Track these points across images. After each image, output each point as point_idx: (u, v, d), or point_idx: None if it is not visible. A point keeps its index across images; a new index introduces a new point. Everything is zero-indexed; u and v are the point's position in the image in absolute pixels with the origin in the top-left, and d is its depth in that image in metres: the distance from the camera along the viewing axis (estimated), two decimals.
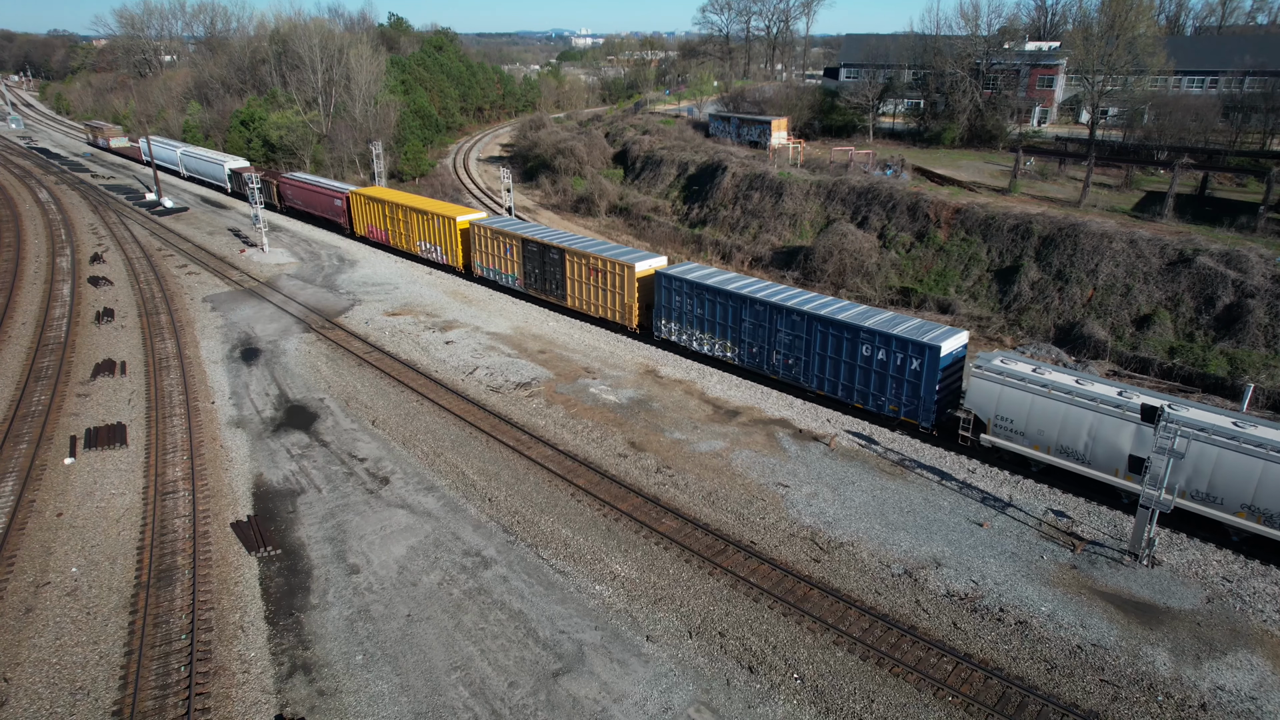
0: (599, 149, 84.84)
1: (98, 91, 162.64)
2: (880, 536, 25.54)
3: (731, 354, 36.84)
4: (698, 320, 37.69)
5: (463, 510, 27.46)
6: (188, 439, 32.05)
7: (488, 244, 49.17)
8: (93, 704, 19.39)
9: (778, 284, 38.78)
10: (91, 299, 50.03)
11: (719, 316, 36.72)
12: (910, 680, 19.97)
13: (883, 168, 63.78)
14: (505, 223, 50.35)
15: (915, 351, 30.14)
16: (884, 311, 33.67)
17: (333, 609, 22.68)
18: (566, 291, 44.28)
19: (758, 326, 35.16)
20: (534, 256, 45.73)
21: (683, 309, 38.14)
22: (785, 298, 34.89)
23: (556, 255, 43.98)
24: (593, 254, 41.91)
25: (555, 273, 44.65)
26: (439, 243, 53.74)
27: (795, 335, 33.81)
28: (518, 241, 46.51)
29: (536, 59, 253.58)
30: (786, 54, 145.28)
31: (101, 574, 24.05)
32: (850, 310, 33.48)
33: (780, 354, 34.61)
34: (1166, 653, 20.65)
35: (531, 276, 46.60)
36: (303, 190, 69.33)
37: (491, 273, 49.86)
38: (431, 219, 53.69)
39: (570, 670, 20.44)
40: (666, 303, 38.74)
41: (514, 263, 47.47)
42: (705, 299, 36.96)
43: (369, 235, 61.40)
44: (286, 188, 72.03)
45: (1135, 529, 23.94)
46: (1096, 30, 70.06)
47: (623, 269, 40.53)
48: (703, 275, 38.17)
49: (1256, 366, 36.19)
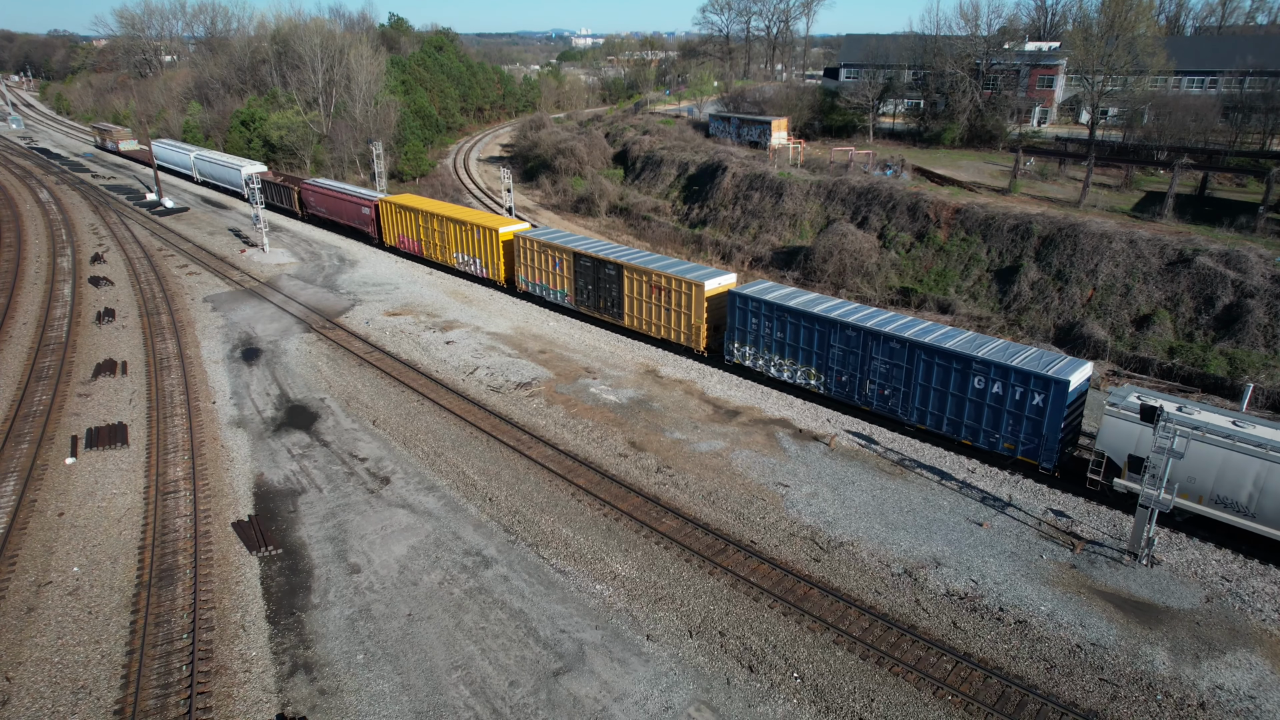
0: (599, 149, 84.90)
1: (98, 92, 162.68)
2: (880, 536, 25.59)
3: (816, 382, 33.94)
4: (777, 344, 34.84)
5: (463, 510, 27.51)
6: (189, 439, 32.10)
7: (534, 257, 45.92)
8: (94, 703, 19.44)
9: (869, 306, 35.03)
10: (92, 299, 50.09)
11: (803, 341, 33.85)
12: (910, 679, 20.01)
13: (883, 168, 63.84)
14: (554, 235, 46.81)
15: (1039, 386, 27.38)
16: (994, 340, 30.48)
17: (334, 608, 22.73)
18: (624, 310, 41.14)
19: (849, 353, 32.38)
20: (587, 272, 42.52)
21: (760, 332, 35.25)
22: (882, 322, 32.10)
23: (613, 271, 40.79)
24: (655, 270, 38.82)
25: (611, 290, 41.43)
26: (478, 255, 50.55)
27: (894, 364, 31.03)
28: (568, 255, 43.38)
29: (536, 59, 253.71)
30: (786, 54, 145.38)
31: (103, 573, 24.10)
32: (958, 338, 30.50)
33: (875, 384, 31.80)
34: (1165, 652, 20.70)
35: (583, 293, 43.39)
36: (327, 197, 65.83)
37: (537, 288, 46.60)
38: (470, 230, 50.42)
39: (571, 669, 20.49)
40: (741, 325, 35.92)
41: (564, 278, 44.24)
42: (787, 322, 34.07)
43: (399, 246, 58.57)
44: (309, 195, 68.46)
45: (1134, 528, 23.98)
46: (1096, 30, 70.14)
47: (690, 287, 37.55)
48: (783, 296, 35.25)
49: (1256, 366, 36.24)
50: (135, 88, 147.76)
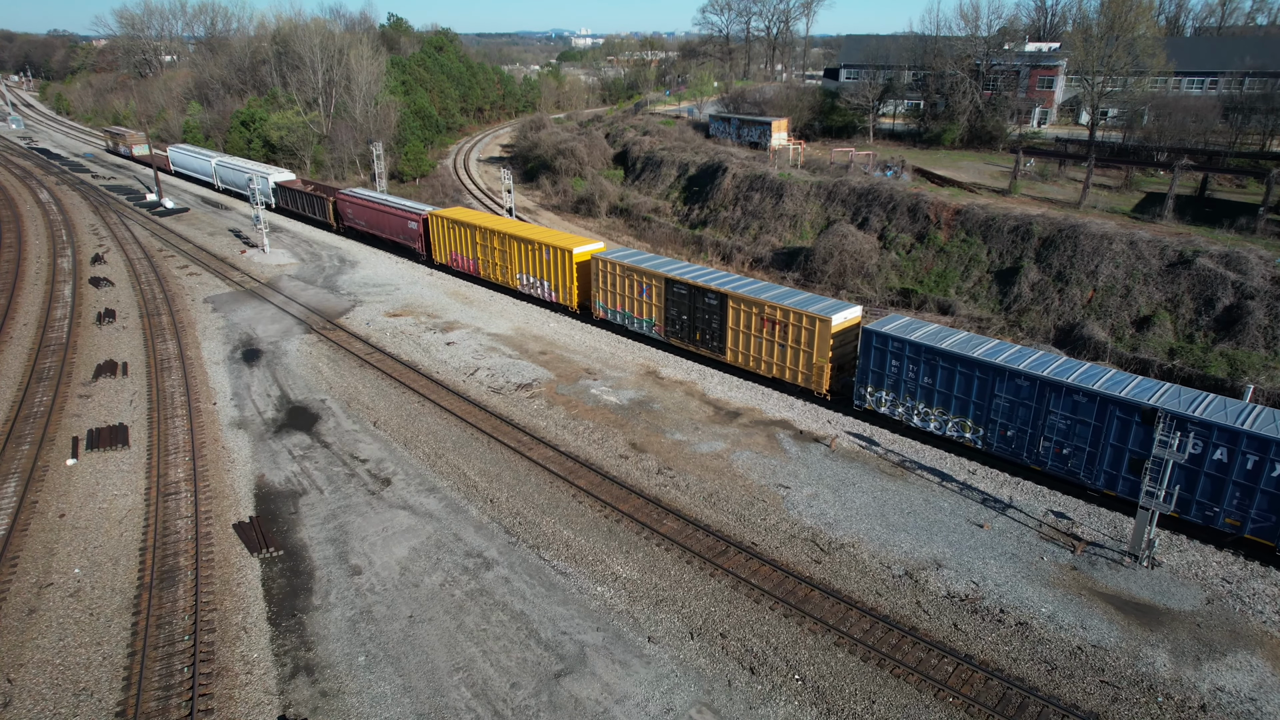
0: (599, 150, 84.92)
1: (98, 92, 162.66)
2: (881, 538, 25.61)
3: (972, 435, 29.87)
4: (923, 391, 30.72)
5: (464, 511, 27.52)
6: (189, 440, 32.10)
7: (616, 282, 41.66)
8: (96, 705, 19.45)
9: (1042, 350, 29.72)
10: (93, 300, 50.09)
11: (958, 389, 29.79)
12: (911, 681, 20.03)
13: (883, 169, 63.87)
14: (640, 258, 42.37)
15: None
16: (1203, 394, 26.08)
17: (335, 610, 22.74)
18: (726, 344, 37.15)
19: (1018, 405, 28.27)
20: (681, 300, 38.51)
21: (902, 376, 31.21)
22: (1060, 370, 27.78)
23: (714, 300, 36.91)
24: (768, 301, 34.83)
25: (711, 321, 37.48)
26: (547, 277, 46.24)
27: (1077, 420, 26.97)
28: (659, 281, 39.29)
29: (536, 59, 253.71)
30: (786, 54, 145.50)
31: (104, 575, 24.11)
32: (1160, 391, 25.99)
33: (1051, 441, 27.80)
34: (1166, 654, 20.72)
35: (676, 324, 39.30)
36: (367, 209, 60.47)
37: (619, 316, 42.44)
38: (538, 249, 46.07)
39: (572, 671, 20.50)
40: (877, 367, 31.80)
41: (652, 306, 40.15)
42: (938, 366, 30.03)
43: (452, 265, 54.20)
44: (346, 206, 63.14)
45: (1135, 530, 24.01)
46: (1096, 31, 70.21)
47: (812, 322, 33.40)
48: (930, 335, 31.00)
49: (1256, 367, 36.27)
50: (135, 88, 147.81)
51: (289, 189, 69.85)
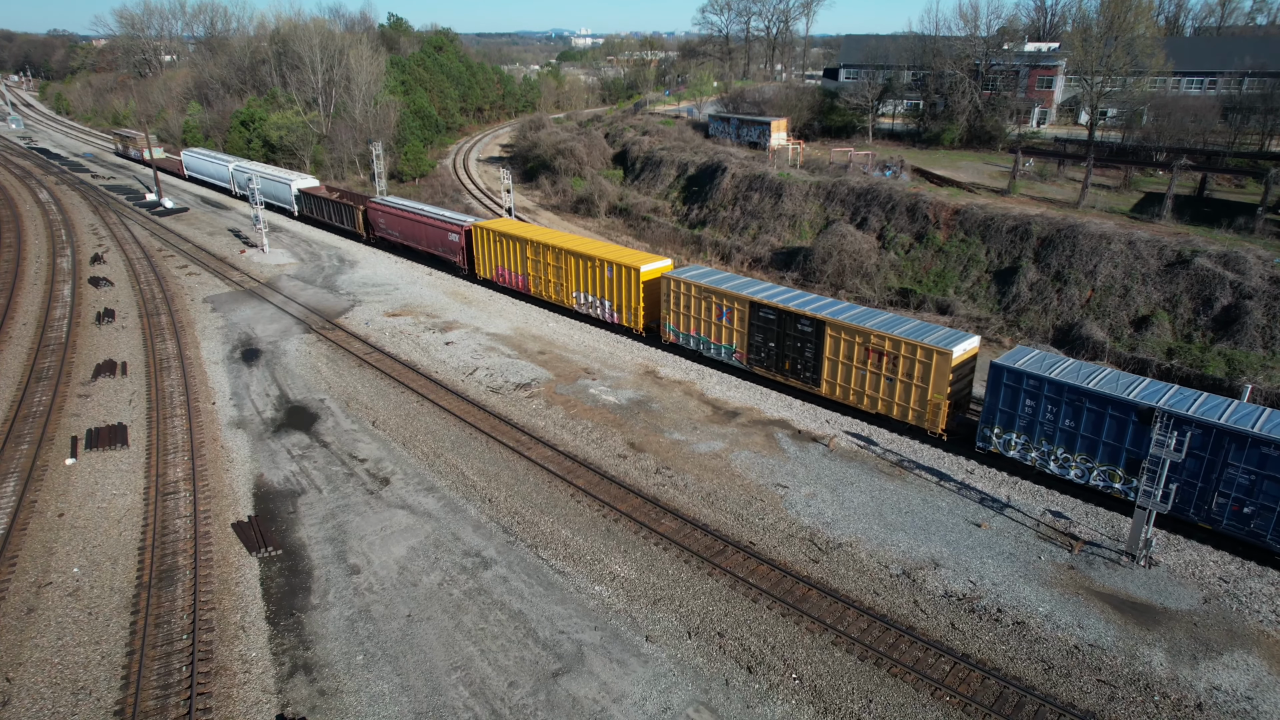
0: (599, 149, 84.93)
1: (98, 92, 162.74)
2: (879, 537, 25.64)
3: (1122, 485, 26.50)
4: (1064, 435, 27.39)
5: (463, 511, 27.56)
6: (188, 439, 32.14)
7: (690, 304, 38.35)
8: (95, 704, 19.49)
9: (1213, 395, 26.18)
10: (92, 299, 50.12)
11: (1107, 434, 26.43)
12: (908, 680, 20.07)
13: (882, 168, 63.90)
14: (719, 278, 38.73)
15: None
16: None
17: (333, 609, 22.78)
18: (821, 375, 34.04)
19: (1185, 455, 24.58)
20: (768, 326, 35.43)
21: (1039, 417, 27.86)
22: (1240, 417, 24.33)
23: (808, 327, 33.69)
24: (874, 330, 31.59)
25: (804, 350, 34.26)
26: (609, 296, 42.78)
27: (1264, 475, 23.54)
28: (742, 305, 36.09)
29: (536, 59, 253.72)
30: (786, 54, 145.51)
31: (103, 574, 24.14)
32: None
33: (1228, 498, 24.53)
34: (1163, 653, 20.75)
35: (760, 351, 36.15)
36: (401, 219, 56.74)
37: (693, 340, 38.96)
38: (599, 266, 42.60)
39: (570, 670, 20.54)
40: (1008, 406, 28.59)
41: (733, 331, 36.99)
42: (1084, 409, 26.62)
43: (498, 280, 50.24)
44: (378, 215, 59.16)
45: (1132, 530, 24.04)
46: (1095, 31, 70.17)
47: (928, 355, 30.24)
48: (1071, 372, 27.61)
49: (1254, 367, 36.30)
50: (135, 88, 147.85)
51: (313, 196, 66.52)
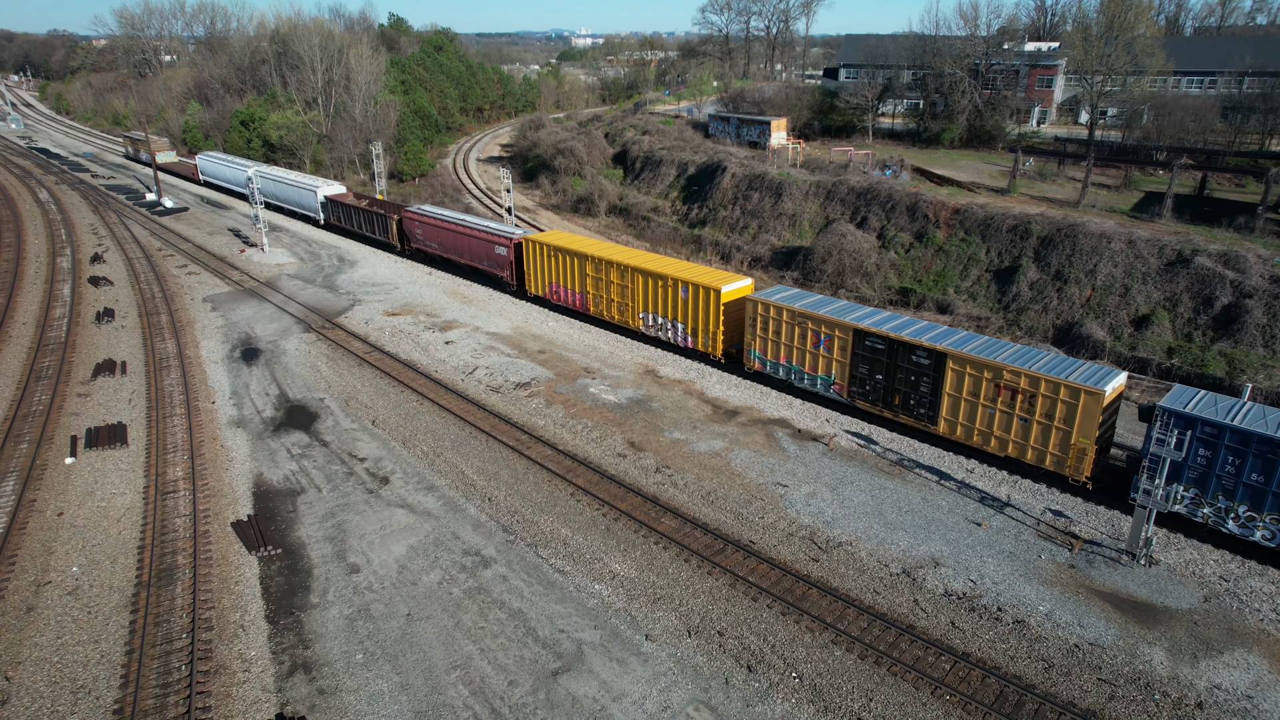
0: (599, 149, 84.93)
1: (98, 92, 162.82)
2: (879, 536, 25.62)
3: None
4: (1249, 492, 23.73)
5: (462, 510, 27.54)
6: (188, 439, 32.12)
7: (781, 329, 34.73)
8: (94, 702, 19.47)
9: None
10: (92, 299, 50.11)
11: None
12: (908, 679, 20.05)
13: (882, 168, 63.88)
14: (813, 301, 34.97)
15: None
16: None
17: (333, 608, 22.76)
18: (940, 412, 30.53)
19: None
20: (875, 356, 31.90)
21: (1214, 469, 24.09)
22: None
23: (925, 359, 30.25)
24: (1007, 365, 28.03)
25: (918, 384, 30.82)
26: (682, 319, 38.99)
27: None
28: (846, 333, 32.49)
29: (536, 59, 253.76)
30: (786, 54, 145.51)
31: (102, 573, 24.12)
32: None
33: None
34: (1163, 652, 20.73)
35: (864, 383, 32.58)
36: (441, 230, 53.04)
37: (782, 369, 35.34)
38: (671, 286, 38.82)
39: (569, 669, 20.52)
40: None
41: (833, 361, 33.35)
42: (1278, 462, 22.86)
43: (551, 298, 46.34)
44: (415, 225, 55.52)
45: (1133, 528, 24.02)
46: (1095, 31, 70.21)
47: (1074, 394, 26.63)
48: (1255, 419, 23.78)
49: (1254, 366, 36.29)
50: (135, 88, 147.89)
51: (341, 204, 63.07)
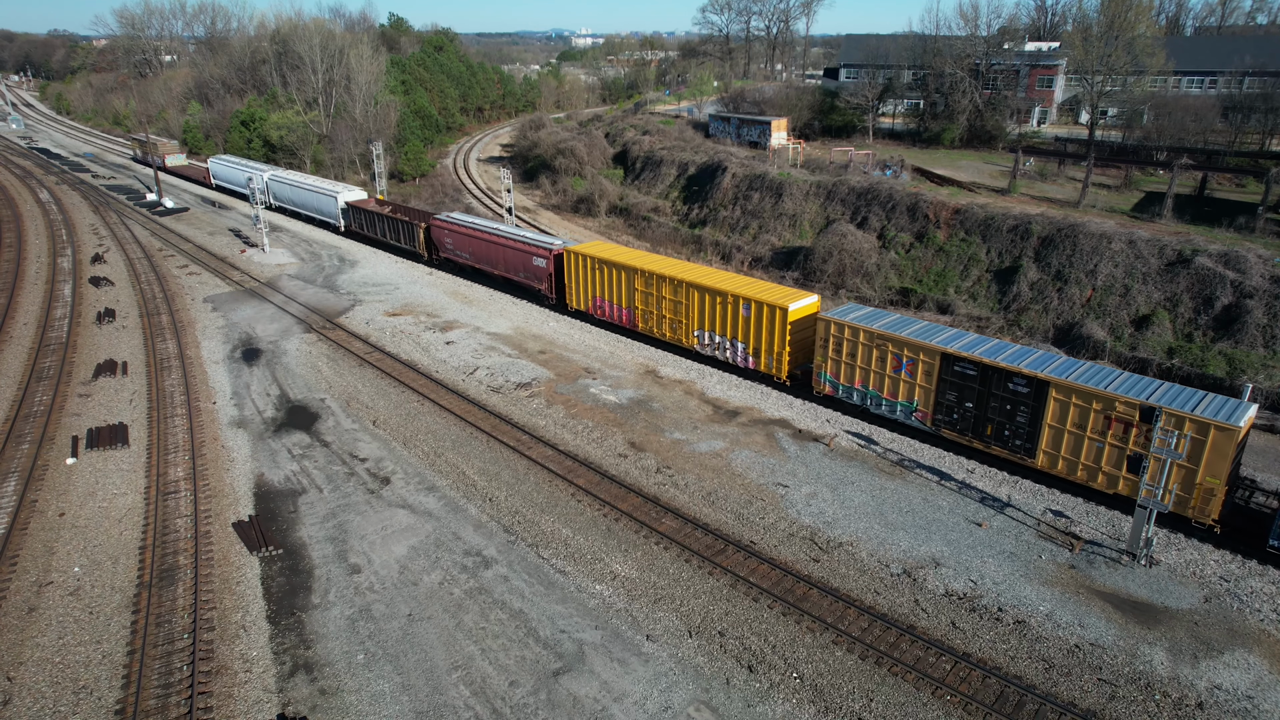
0: (599, 149, 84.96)
1: (98, 92, 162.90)
2: (879, 536, 25.64)
3: None
4: None
5: (463, 510, 27.56)
6: (189, 439, 32.14)
7: (856, 351, 32.16)
8: (95, 703, 19.49)
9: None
10: (93, 299, 50.13)
11: None
12: (909, 679, 20.06)
13: (882, 168, 63.89)
14: (893, 321, 32.29)
15: None
16: None
17: (334, 608, 22.78)
18: (1039, 444, 27.86)
19: None
20: (965, 382, 29.37)
21: None
22: None
23: (1024, 387, 27.72)
24: (1121, 396, 25.44)
25: (1014, 413, 28.29)
26: (743, 338, 36.44)
27: None
28: (931, 357, 29.94)
29: (536, 59, 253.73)
30: (786, 54, 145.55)
31: (104, 573, 24.15)
32: None
33: None
34: (1164, 652, 20.75)
35: (951, 411, 30.14)
36: (473, 240, 50.63)
37: (857, 394, 32.86)
38: (731, 303, 36.19)
39: (571, 669, 20.54)
40: None
41: (915, 386, 30.88)
42: None
43: (594, 314, 44.08)
44: (444, 234, 53.16)
45: (1133, 529, 24.04)
46: (1096, 31, 70.20)
47: (1203, 429, 23.93)
48: None
49: (1255, 366, 36.30)
50: (135, 88, 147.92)
51: (363, 210, 60.70)
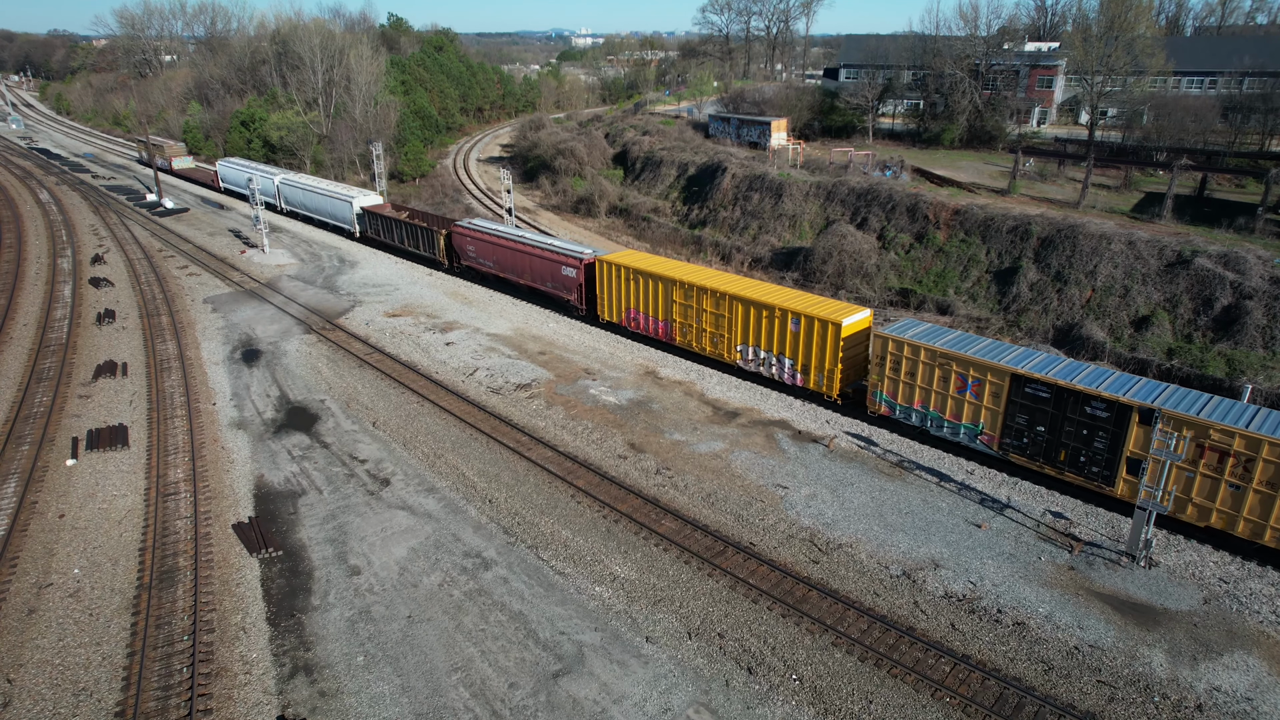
0: (599, 149, 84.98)
1: (98, 92, 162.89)
2: (879, 538, 25.64)
3: None
4: None
5: (463, 512, 27.57)
6: (189, 440, 32.15)
7: (917, 370, 30.45)
8: (95, 705, 19.50)
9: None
10: (93, 300, 50.14)
11: None
12: (908, 681, 20.07)
13: (882, 168, 63.90)
14: (955, 339, 30.47)
15: None
16: None
17: (334, 610, 22.79)
18: (1120, 472, 26.09)
19: None
20: (1038, 406, 27.52)
21: None
22: None
23: (1103, 411, 25.76)
24: (1215, 424, 23.44)
25: (1092, 439, 26.50)
26: (791, 354, 34.78)
27: None
28: (1000, 377, 28.09)
29: (536, 59, 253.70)
30: (786, 54, 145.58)
31: (103, 575, 24.16)
32: None
33: None
34: (1163, 654, 20.76)
35: (1023, 436, 28.24)
36: (498, 248, 48.47)
37: (915, 414, 31.14)
38: (778, 317, 34.56)
39: (570, 671, 20.55)
40: None
41: (981, 409, 29.05)
42: None
43: (628, 326, 42.03)
44: (466, 242, 50.89)
45: (1133, 530, 24.05)
46: (1096, 31, 70.17)
47: None
48: None
49: (1254, 367, 36.31)
50: (135, 88, 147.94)
51: (379, 216, 58.77)
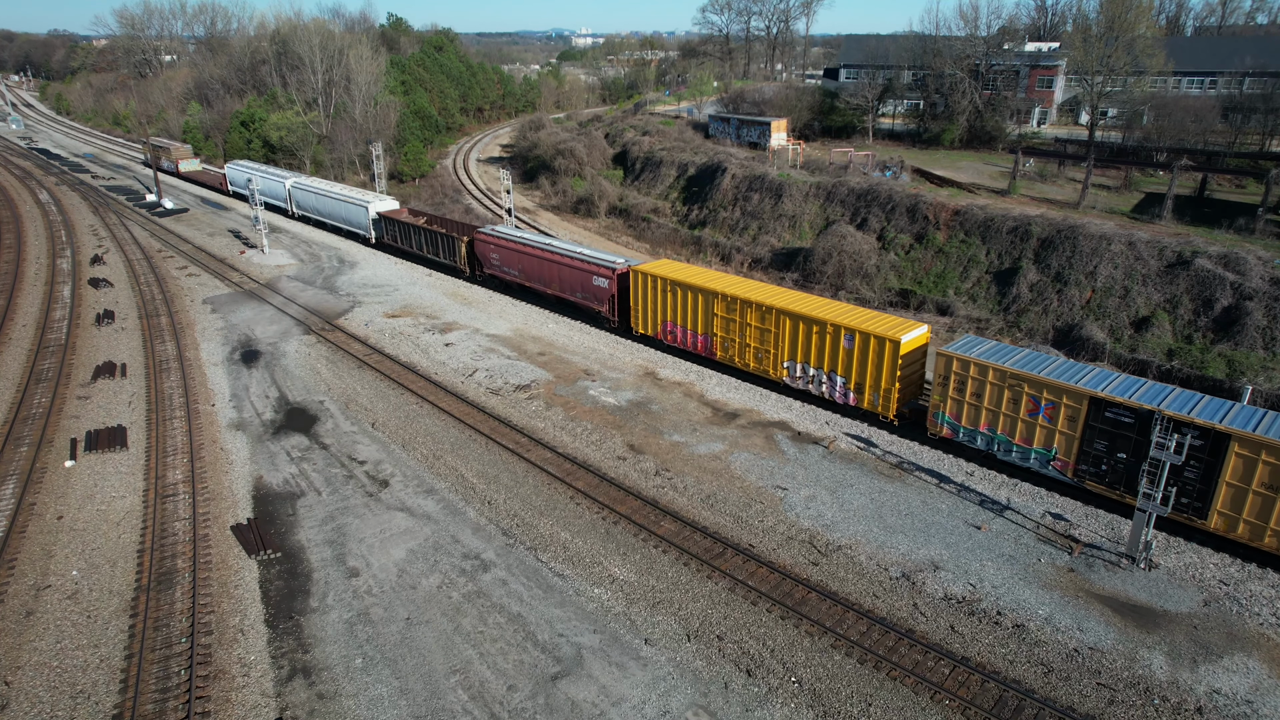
0: (599, 150, 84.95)
1: (98, 92, 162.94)
2: (878, 539, 25.60)
3: None
4: None
5: (462, 513, 27.53)
6: (188, 441, 32.11)
7: (983, 390, 28.79)
8: (93, 707, 19.47)
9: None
10: (92, 301, 50.10)
11: None
12: (908, 683, 20.03)
13: (882, 169, 63.86)
14: (1022, 358, 28.73)
15: None
16: None
17: (332, 612, 22.75)
18: (1214, 504, 24.43)
19: None
20: (1118, 431, 25.95)
21: None
22: None
23: (1196, 438, 24.07)
24: None
25: (1182, 468, 24.75)
26: (844, 371, 33.13)
27: None
28: (1076, 400, 26.53)
29: (536, 59, 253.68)
30: (786, 54, 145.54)
31: (102, 577, 24.12)
32: None
33: None
34: (1163, 656, 20.71)
35: (1100, 461, 26.74)
36: (524, 256, 46.58)
37: (981, 438, 29.48)
38: (830, 332, 32.93)
39: (569, 673, 20.51)
40: None
41: (1055, 432, 27.50)
42: None
43: (664, 339, 40.55)
44: (489, 250, 49.19)
45: (1133, 532, 24.00)
46: (1096, 31, 70.16)
47: None
48: None
49: (1255, 368, 36.26)
50: (135, 88, 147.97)
51: (397, 221, 57.22)
